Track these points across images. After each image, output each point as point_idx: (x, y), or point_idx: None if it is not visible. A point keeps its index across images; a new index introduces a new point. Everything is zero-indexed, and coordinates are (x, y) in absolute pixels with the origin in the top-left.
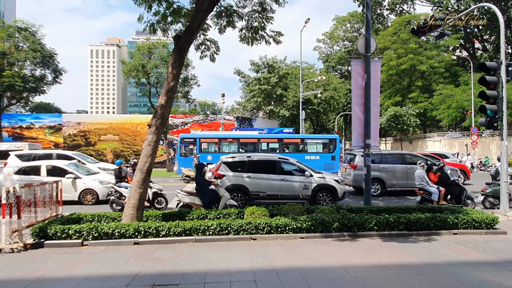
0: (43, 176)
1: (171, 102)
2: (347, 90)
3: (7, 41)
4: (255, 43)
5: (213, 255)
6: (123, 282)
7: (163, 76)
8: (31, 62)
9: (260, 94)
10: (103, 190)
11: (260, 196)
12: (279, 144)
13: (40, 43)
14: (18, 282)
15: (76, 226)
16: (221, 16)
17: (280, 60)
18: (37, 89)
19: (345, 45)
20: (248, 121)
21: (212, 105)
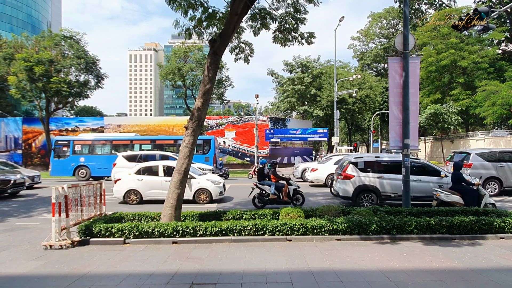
0: (160, 176)
1: (207, 104)
2: (384, 89)
3: (54, 49)
4: (288, 44)
5: (249, 255)
6: (163, 280)
7: (198, 79)
8: (76, 68)
9: (293, 94)
10: (216, 189)
11: (391, 197)
12: (152, 146)
13: (84, 50)
14: (67, 277)
15: (119, 225)
16: (255, 18)
17: (314, 59)
18: (81, 93)
19: (381, 42)
20: (282, 121)
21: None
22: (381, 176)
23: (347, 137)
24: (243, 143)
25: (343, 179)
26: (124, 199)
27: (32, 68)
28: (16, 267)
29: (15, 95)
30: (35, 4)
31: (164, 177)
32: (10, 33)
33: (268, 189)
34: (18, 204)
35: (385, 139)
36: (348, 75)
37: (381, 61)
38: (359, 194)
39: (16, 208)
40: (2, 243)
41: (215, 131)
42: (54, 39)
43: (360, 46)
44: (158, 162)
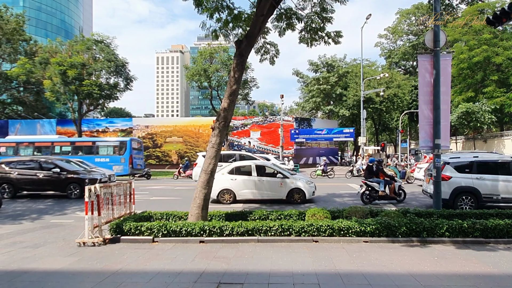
0: (253, 176)
1: (233, 105)
2: (412, 87)
3: (86, 53)
4: (314, 44)
5: (276, 255)
6: (191, 279)
7: (224, 79)
8: (106, 71)
9: (319, 94)
10: (310, 189)
11: (493, 199)
12: (72, 147)
13: (113, 53)
14: (100, 273)
15: (148, 224)
16: (281, 18)
17: (340, 58)
18: (111, 96)
19: (409, 39)
20: (307, 121)
21: (270, 106)
22: (481, 177)
23: (374, 137)
24: (268, 143)
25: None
26: (218, 198)
27: (65, 71)
28: (52, 263)
29: (50, 98)
30: (68, 10)
31: (257, 177)
32: (46, 39)
33: (377, 186)
34: (53, 202)
35: (413, 139)
36: (375, 74)
37: (409, 59)
38: (457, 196)
39: (51, 206)
40: (40, 240)
41: (240, 132)
42: (86, 44)
43: (388, 44)
44: (250, 162)
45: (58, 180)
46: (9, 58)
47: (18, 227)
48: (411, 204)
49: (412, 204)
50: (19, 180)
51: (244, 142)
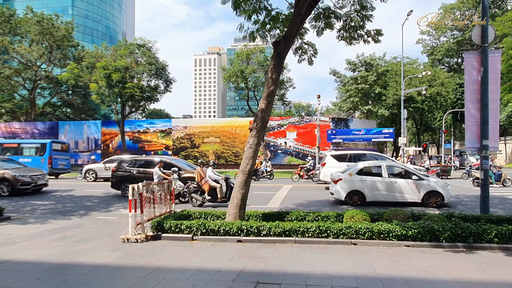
0: (384, 176)
1: (271, 106)
2: (457, 85)
3: (129, 57)
4: (353, 42)
5: (313, 257)
6: (230, 277)
7: (260, 80)
8: (147, 74)
9: (356, 94)
10: (448, 193)
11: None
12: (1, 148)
13: (154, 56)
14: (143, 269)
15: (187, 222)
16: (319, 18)
17: (379, 57)
18: (152, 97)
19: (453, 35)
20: (344, 121)
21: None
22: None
23: (414, 137)
24: (304, 144)
25: None
26: (346, 199)
27: (110, 75)
28: (99, 257)
29: (95, 100)
30: (112, 16)
31: (389, 178)
32: (92, 44)
33: None
34: (99, 200)
35: (458, 140)
36: (417, 72)
37: (454, 56)
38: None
39: (97, 203)
40: (87, 235)
41: (276, 132)
42: (129, 48)
43: (430, 40)
44: (380, 162)
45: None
46: (59, 63)
47: (68, 222)
48: (457, 208)
49: (458, 208)
50: None
51: (280, 143)
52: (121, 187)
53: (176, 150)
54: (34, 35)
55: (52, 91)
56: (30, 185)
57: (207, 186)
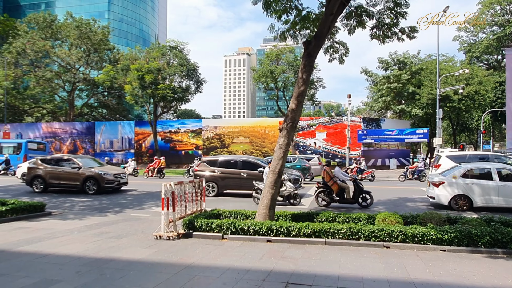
0: (495, 180)
1: (301, 106)
2: (497, 83)
3: (161, 59)
4: (386, 40)
5: (344, 259)
6: (260, 277)
7: (290, 80)
8: (179, 75)
9: (389, 93)
10: None
11: None
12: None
13: (186, 58)
14: (175, 266)
15: (217, 221)
16: (351, 16)
17: (413, 55)
18: (183, 98)
19: (493, 31)
20: (376, 122)
21: (336, 106)
22: None
23: (450, 138)
24: (334, 144)
25: None
26: (450, 204)
27: (143, 77)
28: (134, 253)
29: (129, 101)
30: (146, 20)
31: (501, 182)
32: (126, 47)
33: None
34: (132, 197)
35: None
36: (453, 70)
37: (493, 53)
38: None
39: (131, 201)
40: (122, 231)
41: (305, 132)
42: (162, 50)
43: (468, 37)
44: (489, 164)
45: None
46: (96, 66)
47: (104, 219)
48: None
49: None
50: None
51: (310, 143)
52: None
53: (206, 150)
54: (73, 39)
55: (89, 92)
56: (114, 184)
57: (336, 187)
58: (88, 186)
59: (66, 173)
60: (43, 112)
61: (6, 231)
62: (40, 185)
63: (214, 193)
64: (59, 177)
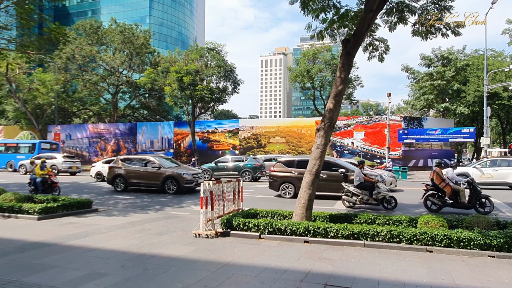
0: None
1: (339, 106)
2: None
3: (199, 61)
4: (429, 37)
5: (384, 262)
6: (297, 277)
7: (327, 80)
8: (216, 76)
9: (432, 91)
10: None
11: None
12: (5, 148)
13: (223, 59)
14: (214, 263)
15: (255, 221)
16: (392, 12)
17: (458, 50)
18: (221, 99)
19: None
20: (417, 121)
21: (375, 105)
22: None
23: (499, 137)
24: (373, 144)
25: None
26: None
27: (182, 78)
28: (174, 250)
29: (169, 102)
30: (184, 23)
31: None
32: (166, 50)
33: None
34: (172, 196)
35: None
36: (503, 65)
37: None
38: None
39: (171, 199)
40: (163, 228)
41: (343, 132)
42: (200, 52)
43: None
44: None
45: None
46: (138, 69)
47: (145, 216)
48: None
49: None
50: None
51: (347, 143)
52: (280, 188)
53: (243, 150)
54: (117, 44)
55: (131, 94)
56: (192, 184)
57: (449, 189)
58: (168, 185)
59: (146, 173)
60: (90, 114)
61: (57, 225)
62: (121, 184)
63: (291, 194)
64: (139, 177)
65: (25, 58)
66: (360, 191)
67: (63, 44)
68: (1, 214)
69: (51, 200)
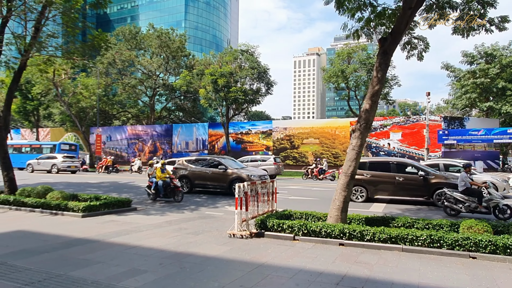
0: None
1: (375, 106)
2: None
3: (233, 63)
4: (472, 33)
5: (424, 268)
6: (333, 280)
7: (362, 79)
8: (250, 78)
9: (474, 89)
10: None
11: None
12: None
13: (256, 61)
14: (249, 264)
15: (289, 222)
16: (431, 9)
17: (503, 46)
18: (254, 100)
19: None
20: (459, 121)
21: (413, 105)
22: None
23: None
24: (411, 145)
25: None
26: None
27: (216, 80)
28: (210, 249)
29: (204, 104)
30: (219, 26)
31: None
32: (201, 53)
33: None
34: (207, 196)
35: None
36: None
37: None
38: None
39: (205, 199)
40: (198, 228)
41: (378, 133)
42: (234, 54)
43: None
44: None
45: None
46: (174, 72)
47: (181, 216)
48: None
49: None
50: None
51: (383, 144)
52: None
53: (276, 151)
54: (154, 48)
55: (167, 97)
56: None
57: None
58: (234, 187)
59: (213, 174)
60: (128, 116)
61: (100, 223)
62: (186, 185)
63: (363, 198)
64: (205, 178)
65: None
66: (466, 198)
67: (104, 49)
68: (49, 211)
69: (93, 198)
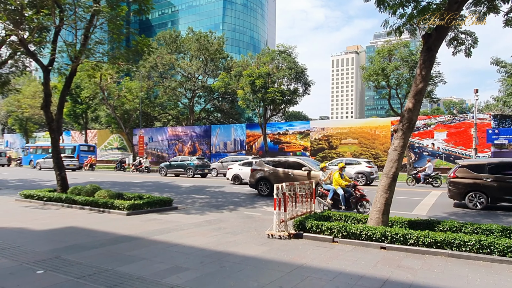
0: None
1: (419, 105)
2: None
3: (271, 64)
4: None
5: (472, 275)
6: (375, 284)
7: (404, 77)
8: (287, 78)
9: None
10: None
11: None
12: (65, 150)
13: (294, 61)
14: (287, 265)
15: (328, 224)
16: (480, 2)
17: None
18: (292, 101)
19: None
20: (510, 119)
21: (459, 103)
22: None
23: None
24: (457, 145)
25: None
26: None
27: (254, 81)
28: (249, 249)
29: (241, 105)
30: (256, 27)
31: None
32: (239, 55)
33: None
34: (245, 197)
35: None
36: None
37: None
38: None
39: (244, 200)
40: (237, 228)
41: (422, 132)
42: (271, 55)
43: None
44: None
45: None
46: (212, 74)
47: (220, 215)
48: None
49: None
50: None
51: (427, 144)
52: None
53: (314, 152)
54: (194, 51)
55: (206, 98)
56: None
57: None
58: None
59: (297, 176)
60: (169, 118)
61: (143, 221)
62: (265, 188)
63: (482, 205)
64: (287, 180)
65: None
66: None
67: (147, 54)
68: (97, 209)
69: (137, 197)
